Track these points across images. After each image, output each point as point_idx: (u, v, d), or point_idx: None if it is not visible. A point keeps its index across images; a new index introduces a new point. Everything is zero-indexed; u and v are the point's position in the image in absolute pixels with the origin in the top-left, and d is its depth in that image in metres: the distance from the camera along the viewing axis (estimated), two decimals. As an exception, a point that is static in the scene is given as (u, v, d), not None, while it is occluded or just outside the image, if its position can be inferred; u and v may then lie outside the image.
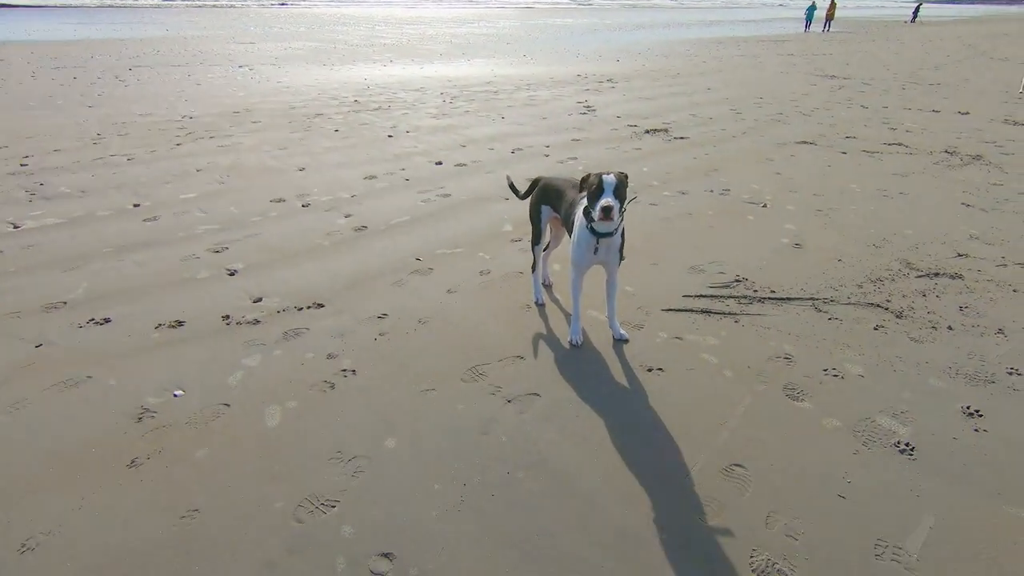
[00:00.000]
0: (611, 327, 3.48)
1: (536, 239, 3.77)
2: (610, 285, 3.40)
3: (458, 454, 2.58)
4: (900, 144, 8.25)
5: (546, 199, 3.64)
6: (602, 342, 3.43)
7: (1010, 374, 3.09)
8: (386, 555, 2.11)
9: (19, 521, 2.25)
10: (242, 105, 11.30)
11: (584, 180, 2.97)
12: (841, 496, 2.35)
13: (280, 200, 5.96)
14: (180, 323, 3.65)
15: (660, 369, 3.17)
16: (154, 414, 2.84)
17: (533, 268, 3.93)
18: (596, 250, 3.12)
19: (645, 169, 7.11)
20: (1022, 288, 4.02)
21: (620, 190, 2.86)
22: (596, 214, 2.83)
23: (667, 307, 3.83)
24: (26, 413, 2.85)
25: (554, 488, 2.40)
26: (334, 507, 2.32)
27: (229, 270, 4.39)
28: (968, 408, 2.84)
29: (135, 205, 5.80)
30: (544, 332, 3.53)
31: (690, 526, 2.22)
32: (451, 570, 2.05)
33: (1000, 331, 3.50)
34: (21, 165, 7.13)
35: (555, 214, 3.62)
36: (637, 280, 4.19)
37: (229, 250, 4.74)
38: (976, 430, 2.70)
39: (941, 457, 2.54)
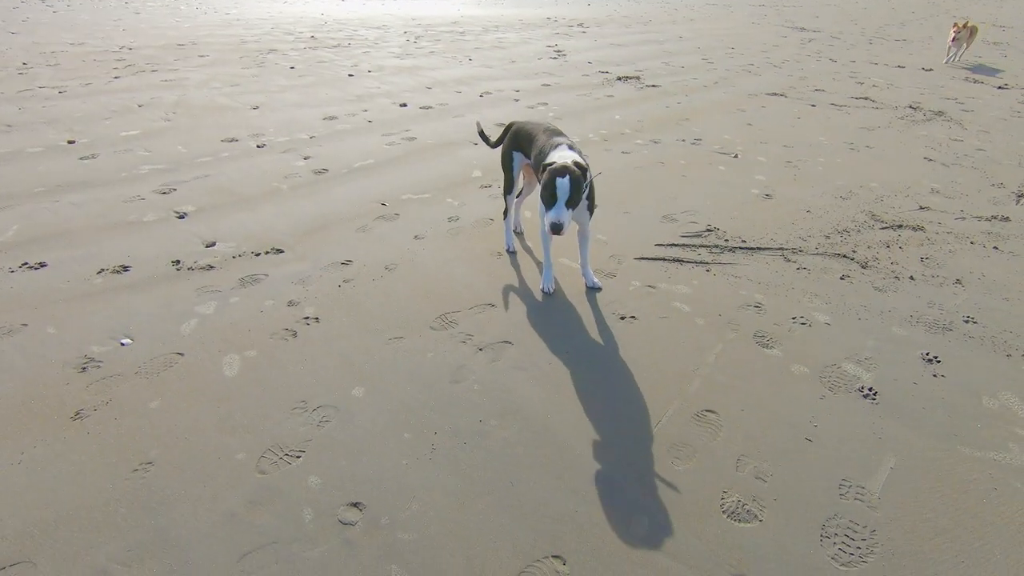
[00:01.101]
0: (584, 275, 3.41)
1: (508, 187, 3.62)
2: (582, 236, 3.32)
3: (428, 403, 2.51)
4: (867, 98, 8.29)
5: (517, 145, 3.48)
6: (575, 290, 3.36)
7: (966, 322, 3.19)
8: (355, 505, 2.05)
9: (-49, 477, 2.08)
10: (187, 38, 10.45)
11: (546, 168, 2.80)
12: (808, 439, 2.39)
13: (233, 140, 5.57)
14: (125, 268, 3.40)
15: (633, 317, 3.14)
16: (99, 364, 2.65)
17: (505, 215, 3.79)
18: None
19: (617, 117, 6.94)
20: (979, 240, 4.13)
21: (575, 194, 2.70)
22: (545, 227, 2.73)
23: (640, 256, 3.78)
24: (-46, 363, 2.62)
25: (527, 436, 2.37)
26: (299, 457, 2.22)
27: (178, 213, 4.10)
28: (927, 355, 2.92)
29: (69, 142, 5.33)
30: (516, 280, 3.44)
31: (662, 470, 2.23)
32: (423, 519, 2.01)
33: (958, 281, 3.59)
34: (-65, 95, 6.44)
35: (527, 160, 3.47)
36: (610, 229, 4.12)
37: (177, 192, 4.42)
38: (934, 375, 2.78)
39: (902, 401, 2.61)
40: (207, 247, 3.67)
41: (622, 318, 3.13)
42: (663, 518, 2.04)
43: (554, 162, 2.79)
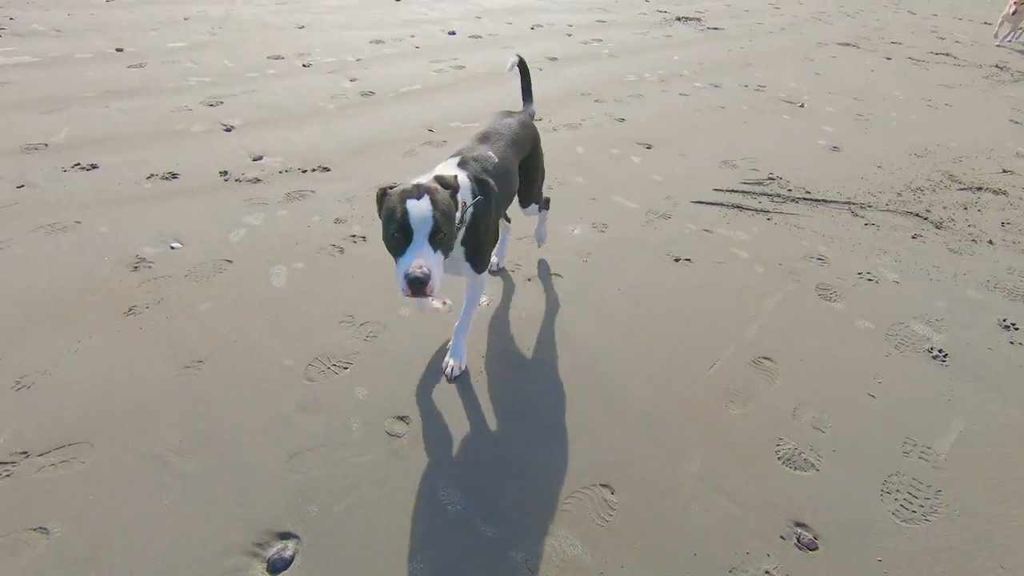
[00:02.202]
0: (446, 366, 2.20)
1: None
2: (467, 300, 2.17)
3: (476, 329, 2.45)
4: (948, 55, 7.65)
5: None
6: (628, 228, 3.22)
7: (1049, 292, 2.97)
8: (402, 418, 2.03)
9: (12, 359, 2.12)
10: (232, -47, 10.13)
11: (380, 198, 1.70)
12: (871, 395, 2.27)
13: (279, 57, 5.43)
14: (174, 175, 3.37)
15: (688, 260, 3.00)
16: (151, 264, 2.65)
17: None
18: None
19: (676, 58, 6.54)
20: (1067, 209, 3.81)
21: (442, 225, 1.60)
22: (400, 285, 1.59)
23: (697, 199, 3.59)
24: (12, 254, 2.65)
25: (576, 365, 2.30)
26: (346, 369, 2.20)
27: (225, 125, 4.03)
28: (1004, 321, 2.73)
29: (118, 50, 5.25)
30: (566, 213, 3.31)
31: (716, 413, 2.15)
32: (469, 438, 1.98)
33: (1042, 249, 3.34)
34: (-14, -4, 6.39)
35: None
36: (665, 170, 3.92)
37: (224, 105, 4.34)
38: (1012, 343, 2.60)
39: (975, 365, 2.46)
40: (254, 160, 3.61)
41: (676, 260, 2.99)
42: (715, 459, 1.98)
43: (395, 184, 1.71)
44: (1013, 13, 7.87)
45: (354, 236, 2.97)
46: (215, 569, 1.55)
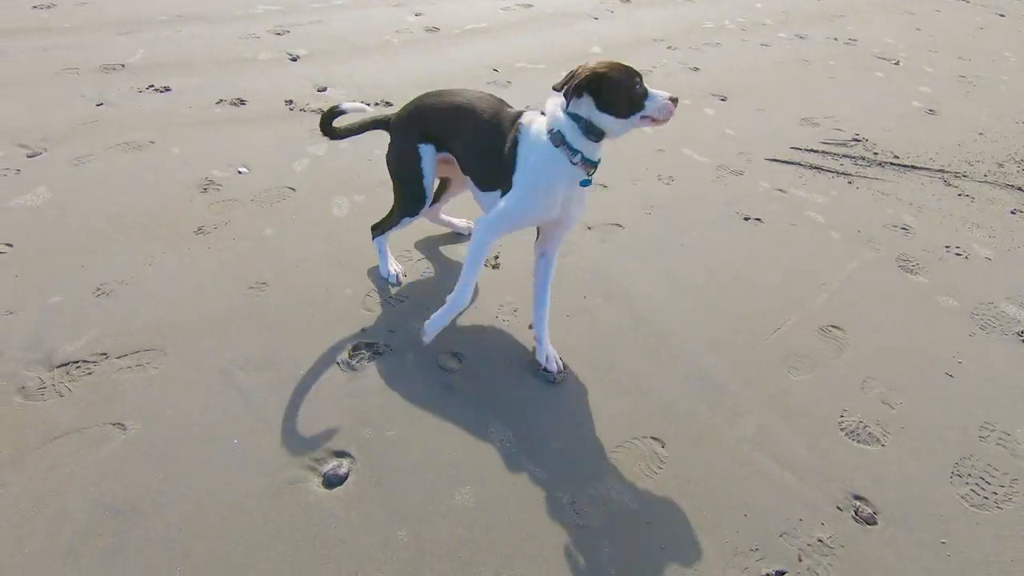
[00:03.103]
0: (538, 342, 2.02)
1: (414, 203, 2.15)
2: (546, 271, 2.04)
3: (532, 270, 2.41)
4: (1074, 13, 6.81)
5: (427, 133, 2.09)
6: (696, 182, 3.07)
7: None
8: (455, 355, 2.04)
9: (92, 267, 2.23)
10: None
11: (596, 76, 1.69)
12: (949, 375, 2.13)
13: (344, -12, 5.32)
14: (242, 101, 3.40)
15: (758, 219, 2.85)
16: (219, 187, 2.71)
17: (381, 234, 2.29)
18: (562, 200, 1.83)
19: (758, 5, 6.07)
20: None
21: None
22: (664, 108, 1.75)
23: (772, 157, 3.38)
24: (91, 168, 2.75)
25: (631, 322, 2.24)
26: (403, 302, 2.22)
27: (291, 55, 4.02)
28: (1110, 310, 2.49)
29: (189, -26, 5.26)
30: (631, 164, 3.17)
31: (776, 378, 2.07)
32: (520, 379, 1.98)
33: None
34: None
35: (445, 153, 2.13)
36: (741, 123, 3.69)
37: (291, 34, 4.32)
38: (1115, 333, 2.38)
39: (1070, 354, 2.26)
40: (319, 91, 3.60)
41: (746, 218, 2.84)
42: (773, 424, 1.91)
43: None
44: None
45: (414, 173, 2.94)
46: (273, 479, 1.62)
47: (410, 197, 2.14)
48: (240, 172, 2.81)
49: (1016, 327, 2.37)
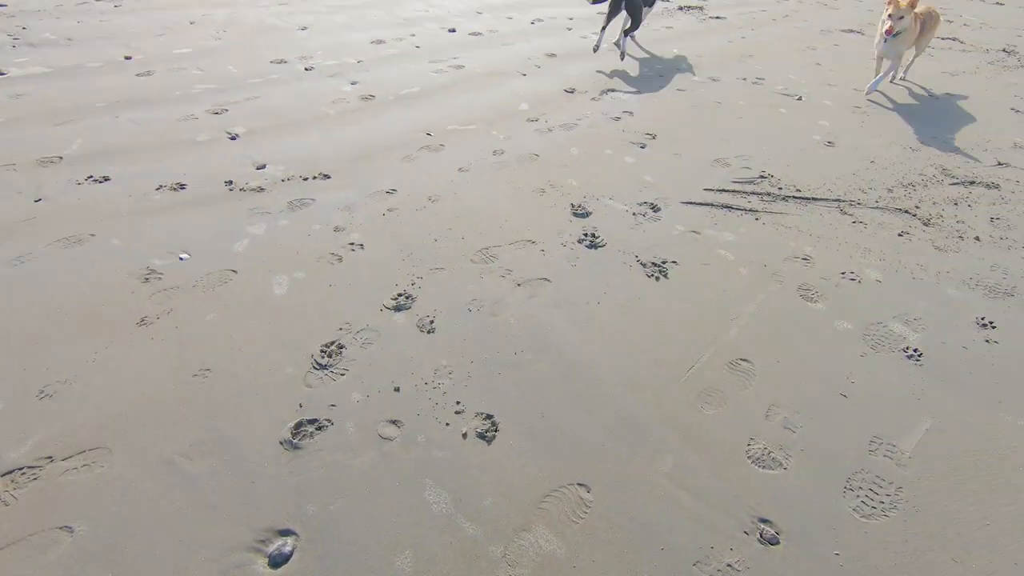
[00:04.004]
0: None
1: None
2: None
3: (466, 333, 2.58)
4: (956, 39, 7.55)
5: None
6: (617, 231, 3.32)
7: (1031, 289, 3.02)
8: (394, 422, 2.17)
9: (35, 369, 2.29)
10: (236, -49, 10.22)
11: None
12: (843, 395, 2.38)
13: (282, 61, 5.55)
14: (182, 186, 3.52)
15: (675, 262, 3.10)
16: (160, 276, 2.81)
17: None
18: None
19: (676, 51, 6.55)
20: (1059, 202, 3.83)
21: None
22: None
23: (687, 199, 3.67)
24: (31, 267, 2.82)
25: (560, 371, 2.43)
26: (343, 375, 2.35)
27: (230, 134, 4.17)
28: (983, 319, 2.80)
29: (126, 58, 5.41)
30: (557, 218, 3.41)
31: (691, 414, 2.27)
32: (456, 440, 2.12)
33: (1029, 245, 3.38)
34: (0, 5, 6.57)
35: None
36: (658, 169, 4.00)
37: (229, 112, 4.48)
38: (987, 341, 2.68)
39: (948, 365, 2.54)
40: (257, 169, 3.75)
41: (663, 262, 3.09)
42: (687, 458, 2.10)
43: None
44: (887, 30, 4.86)
45: (352, 244, 3.10)
46: (221, 564, 1.71)
47: None
48: (181, 258, 2.92)
49: (902, 344, 2.64)
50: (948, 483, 2.05)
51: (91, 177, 3.56)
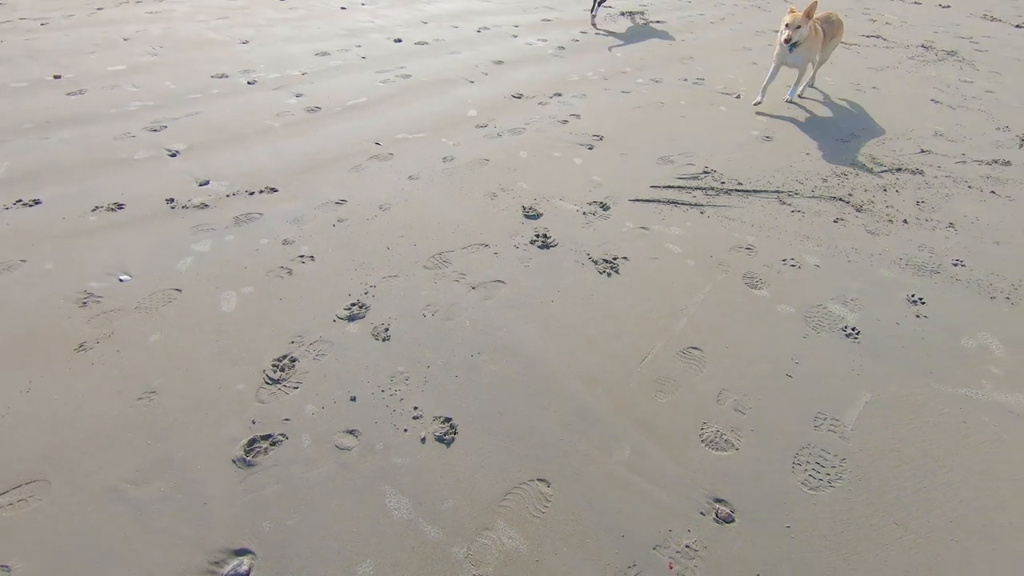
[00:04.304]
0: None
1: None
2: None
3: (422, 338, 2.58)
4: (879, 36, 8.00)
5: None
6: (569, 230, 3.38)
7: (955, 265, 3.22)
8: (351, 432, 2.15)
9: (-37, 404, 2.17)
10: (171, -35, 9.94)
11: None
12: (789, 376, 2.48)
13: (223, 76, 5.42)
14: (120, 206, 3.40)
15: (625, 258, 3.17)
16: (99, 299, 2.70)
17: None
18: None
19: (619, 55, 6.72)
20: (977, 184, 4.10)
21: None
22: None
23: (635, 197, 3.77)
24: (-44, 297, 2.67)
25: (517, 371, 2.45)
26: (296, 388, 2.31)
27: (170, 151, 4.05)
28: (912, 296, 2.97)
29: (56, 76, 5.18)
30: (509, 220, 3.45)
31: (645, 403, 2.32)
32: (415, 446, 2.11)
33: (951, 225, 3.60)
34: (-87, 26, 6.20)
35: None
36: (606, 170, 4.08)
37: (168, 129, 4.35)
38: (918, 316, 2.84)
39: (883, 341, 2.68)
40: (200, 185, 3.66)
41: (614, 259, 3.16)
42: (643, 447, 2.15)
43: None
44: (785, 40, 4.75)
45: (302, 256, 3.05)
46: (174, 589, 1.65)
47: None
48: (122, 280, 2.82)
49: (841, 323, 2.78)
50: (888, 451, 2.16)
51: (20, 201, 3.39)
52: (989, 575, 1.80)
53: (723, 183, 3.99)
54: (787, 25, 4.76)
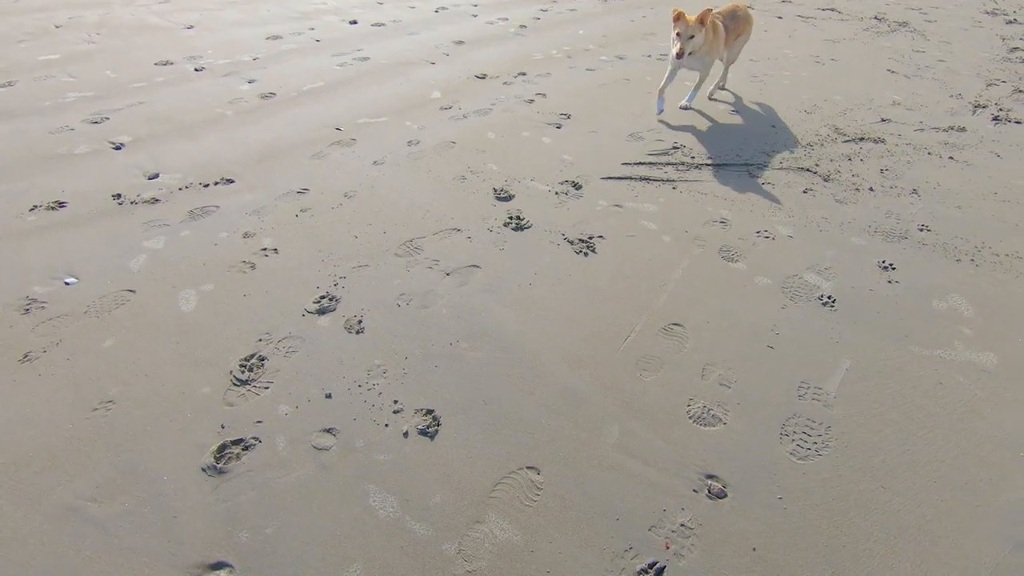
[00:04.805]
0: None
1: None
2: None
3: (397, 329, 2.48)
4: (833, 9, 8.10)
5: None
6: (541, 212, 3.30)
7: (921, 230, 3.28)
8: (329, 431, 2.04)
9: None
10: (103, -52, 9.34)
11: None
12: (770, 347, 2.47)
13: (167, 63, 5.12)
14: (61, 204, 3.16)
15: (601, 236, 3.12)
16: (44, 305, 2.50)
17: None
18: None
19: (581, 32, 6.62)
20: (936, 151, 4.19)
21: None
22: None
23: (607, 175, 3.71)
24: None
25: (498, 356, 2.37)
26: (267, 388, 2.19)
27: (114, 144, 3.79)
28: (884, 262, 3.01)
29: (-19, 68, 4.80)
30: (480, 203, 3.35)
31: (631, 383, 2.28)
32: (398, 441, 2.02)
33: (915, 191, 3.67)
34: None
35: None
36: (576, 149, 4.01)
37: (111, 120, 4.07)
38: (890, 282, 2.87)
39: (858, 307, 2.70)
40: (149, 179, 3.43)
41: (589, 238, 3.10)
42: (632, 426, 2.11)
43: None
44: (677, 53, 4.09)
45: (265, 249, 2.90)
46: (145, 611, 1.54)
47: None
48: (68, 283, 2.62)
49: (817, 292, 2.79)
50: (870, 416, 2.18)
51: (-52, 203, 3.12)
52: (976, 530, 1.83)
53: (693, 158, 3.97)
54: (678, 35, 3.99)
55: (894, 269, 2.96)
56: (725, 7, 4.59)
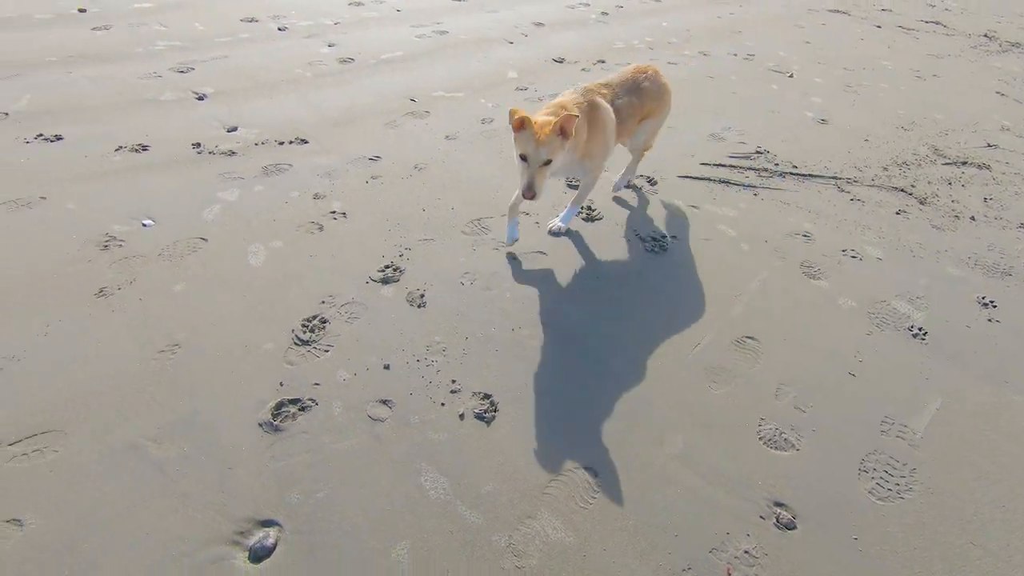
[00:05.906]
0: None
1: None
2: None
3: (460, 308, 2.42)
4: (938, 23, 7.56)
5: None
6: (615, 205, 3.17)
7: (1027, 268, 3.00)
8: (385, 402, 2.01)
9: (-22, 344, 2.05)
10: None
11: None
12: (852, 374, 2.30)
13: (252, 20, 5.19)
14: (144, 147, 3.23)
15: (674, 237, 2.97)
16: (121, 243, 2.56)
17: None
18: None
19: (664, 24, 6.38)
20: (1049, 184, 3.83)
21: None
22: None
23: (684, 174, 3.55)
24: (-27, 232, 2.54)
25: (560, 348, 2.29)
26: (327, 352, 2.17)
27: (197, 94, 3.86)
28: (983, 299, 2.76)
29: (80, 10, 4.97)
30: (553, 188, 3.25)
31: (698, 393, 2.16)
32: (453, 422, 1.97)
33: (1022, 225, 3.36)
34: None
35: None
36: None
37: (196, 72, 4.15)
38: (989, 320, 2.64)
39: (953, 343, 2.49)
40: (228, 132, 3.48)
41: (663, 237, 2.96)
42: (697, 440, 1.99)
43: None
44: (527, 192, 2.31)
45: (334, 212, 2.89)
46: (195, 560, 1.54)
47: None
48: (145, 225, 2.67)
49: (907, 323, 2.58)
50: (962, 464, 1.99)
51: (41, 135, 3.24)
52: (1076, 607, 1.65)
53: (777, 165, 3.75)
54: (523, 158, 2.28)
55: (995, 307, 2.72)
56: (622, 74, 3.02)
